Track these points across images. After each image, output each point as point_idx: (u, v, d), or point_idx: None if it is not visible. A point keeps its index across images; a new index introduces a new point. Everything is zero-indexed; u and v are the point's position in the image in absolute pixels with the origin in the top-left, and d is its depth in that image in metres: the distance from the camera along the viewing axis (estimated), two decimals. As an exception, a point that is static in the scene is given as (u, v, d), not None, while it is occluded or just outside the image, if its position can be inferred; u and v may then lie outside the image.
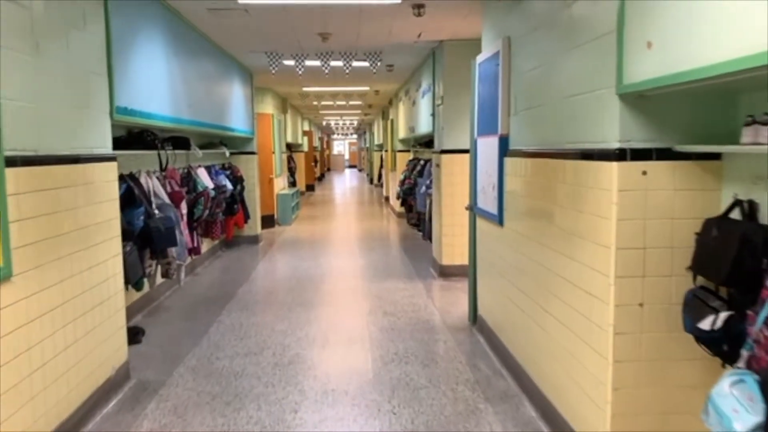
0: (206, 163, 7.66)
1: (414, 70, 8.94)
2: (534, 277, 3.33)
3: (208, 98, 6.53)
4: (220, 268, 7.58)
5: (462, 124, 6.44)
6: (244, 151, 9.14)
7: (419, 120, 8.80)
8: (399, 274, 7.00)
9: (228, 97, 7.60)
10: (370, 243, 9.41)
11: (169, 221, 4.80)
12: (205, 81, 6.45)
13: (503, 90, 3.84)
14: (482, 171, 4.43)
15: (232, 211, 8.19)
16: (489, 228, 4.31)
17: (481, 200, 4.50)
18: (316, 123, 25.36)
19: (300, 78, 9.50)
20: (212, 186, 6.95)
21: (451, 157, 6.55)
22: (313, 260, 7.95)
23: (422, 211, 9.33)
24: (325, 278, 6.86)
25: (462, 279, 6.46)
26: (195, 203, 6.36)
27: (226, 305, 5.71)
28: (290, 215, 11.75)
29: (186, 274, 6.83)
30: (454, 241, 6.64)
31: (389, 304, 5.65)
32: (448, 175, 6.56)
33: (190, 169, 6.67)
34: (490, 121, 4.15)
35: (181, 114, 5.34)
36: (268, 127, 11.09)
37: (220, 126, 7.12)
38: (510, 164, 3.78)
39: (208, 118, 6.47)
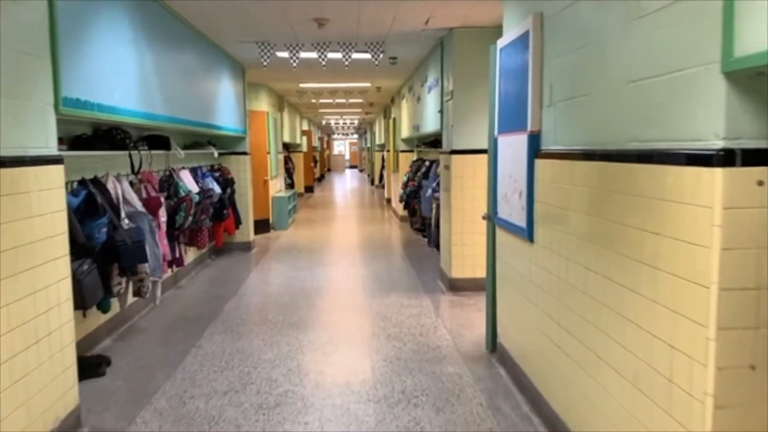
0: (192, 164, 7.00)
1: (419, 64, 8.27)
2: (578, 309, 2.65)
3: (191, 93, 5.86)
4: (207, 279, 6.91)
5: (475, 122, 5.77)
6: (236, 151, 8.47)
7: (425, 118, 8.12)
8: (404, 287, 6.33)
9: (216, 93, 6.93)
10: (372, 250, 8.74)
11: (138, 234, 4.13)
12: (188, 74, 5.78)
13: (534, 78, 3.17)
14: (504, 175, 3.76)
15: (221, 217, 7.52)
16: (514, 243, 3.64)
17: (502, 209, 3.83)
18: (316, 122, 24.70)
19: (295, 72, 8.84)
20: (197, 190, 6.28)
21: (462, 158, 5.87)
22: (309, 270, 7.27)
23: (427, 216, 8.67)
24: (322, 292, 6.19)
25: (474, 294, 5.79)
26: (176, 210, 5.69)
27: (208, 326, 5.03)
28: (287, 219, 11.08)
29: (168, 288, 6.17)
30: (465, 252, 5.96)
31: (394, 325, 4.98)
32: (459, 178, 5.89)
33: (172, 171, 6.00)
34: (515, 115, 3.48)
35: (156, 109, 4.67)
36: (263, 126, 10.42)
37: (207, 124, 6.45)
38: (543, 167, 3.11)
39: (191, 115, 5.80)
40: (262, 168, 10.36)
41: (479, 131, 5.82)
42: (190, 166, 6.89)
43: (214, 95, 6.80)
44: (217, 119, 6.90)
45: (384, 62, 7.66)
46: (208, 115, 6.50)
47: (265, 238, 9.99)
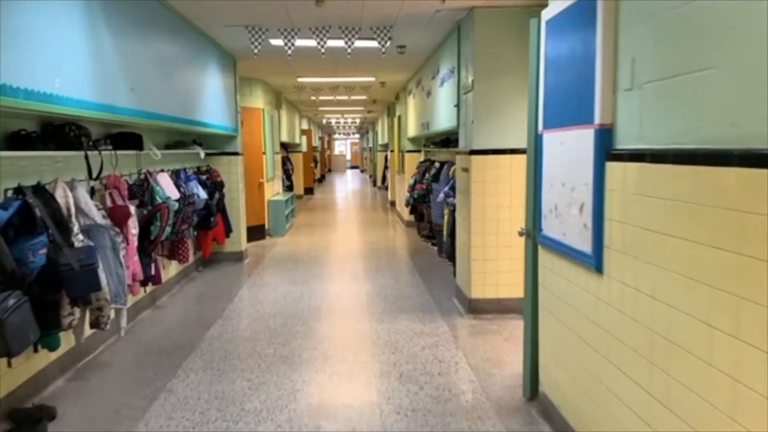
0: (174, 166, 6.18)
1: (430, 54, 7.44)
2: (689, 381, 1.83)
3: (170, 84, 5.03)
4: (191, 296, 6.08)
5: (500, 117, 4.95)
6: (226, 151, 7.65)
7: (436, 114, 7.29)
8: (415, 307, 5.50)
9: (202, 86, 6.10)
10: (377, 260, 7.91)
11: (88, 255, 3.30)
12: (166, 62, 4.95)
13: (604, 52, 2.34)
14: (554, 182, 2.93)
15: (208, 225, 6.70)
16: (568, 270, 2.81)
17: (550, 226, 3.00)
18: (316, 121, 23.87)
19: (292, 64, 8.01)
20: (177, 196, 5.46)
21: (484, 160, 5.04)
22: (306, 285, 6.45)
23: (438, 224, 7.84)
24: (321, 313, 5.36)
25: (498, 318, 4.97)
26: (150, 220, 4.87)
27: (185, 360, 4.21)
28: (284, 225, 10.26)
29: (144, 309, 5.35)
30: (487, 268, 5.13)
31: (406, 359, 4.15)
32: (480, 183, 5.06)
33: (148, 175, 5.18)
34: (571, 105, 2.66)
35: (118, 101, 3.85)
36: (258, 124, 9.60)
37: (190, 120, 5.63)
38: (620, 173, 2.28)
39: (169, 110, 4.98)
40: (256, 169, 9.55)
41: (506, 128, 5.00)
42: (172, 168, 6.07)
43: (199, 88, 5.98)
44: (202, 115, 6.07)
45: (391, 51, 6.84)
46: (191, 111, 5.68)
47: (260, 246, 9.17)
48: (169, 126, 5.13)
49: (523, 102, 5.00)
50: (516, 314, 5.13)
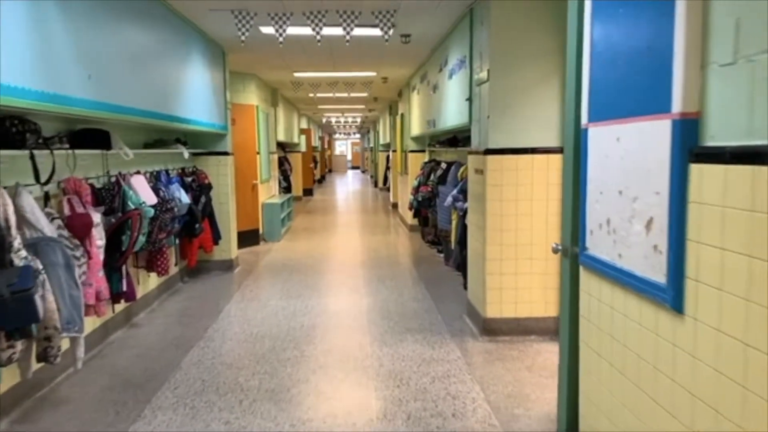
0: (154, 167, 5.57)
1: (437, 44, 6.82)
2: None
3: (142, 75, 4.42)
4: (172, 313, 5.46)
5: (520, 111, 4.34)
6: (214, 151, 7.04)
7: (444, 110, 6.67)
8: (422, 326, 4.88)
9: (184, 78, 5.49)
10: (379, 269, 7.29)
11: (22, 278, 2.68)
12: (137, 50, 4.34)
13: (689, 12, 1.73)
14: (605, 189, 2.31)
15: (193, 232, 6.08)
16: (626, 304, 2.19)
17: (599, 244, 2.37)
18: (315, 120, 23.28)
19: (286, 56, 7.41)
20: (153, 201, 4.85)
21: (501, 160, 4.43)
22: (300, 298, 5.83)
23: (445, 230, 7.22)
24: (315, 334, 4.75)
25: (517, 341, 4.36)
26: (119, 229, 4.26)
27: (154, 395, 3.60)
28: (279, 229, 9.65)
29: (118, 327, 4.74)
30: (504, 284, 4.52)
31: (414, 395, 3.53)
32: (496, 187, 4.44)
33: (120, 178, 4.57)
34: (635, 88, 2.04)
35: (70, 90, 3.23)
36: (252, 122, 8.99)
37: (170, 116, 5.01)
38: (714, 179, 1.66)
39: (142, 104, 4.36)
40: (250, 170, 8.94)
41: (526, 124, 4.38)
42: (152, 169, 5.47)
43: (181, 81, 5.37)
44: (185, 111, 5.46)
45: (395, 41, 6.23)
46: (170, 106, 5.06)
47: (253, 252, 8.55)
48: (145, 122, 4.52)
49: (547, 93, 4.40)
50: (538, 336, 4.52)
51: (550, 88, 4.39)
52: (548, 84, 4.39)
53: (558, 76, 4.37)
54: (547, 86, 4.39)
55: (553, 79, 4.38)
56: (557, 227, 4.48)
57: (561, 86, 4.39)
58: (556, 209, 4.47)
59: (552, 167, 4.44)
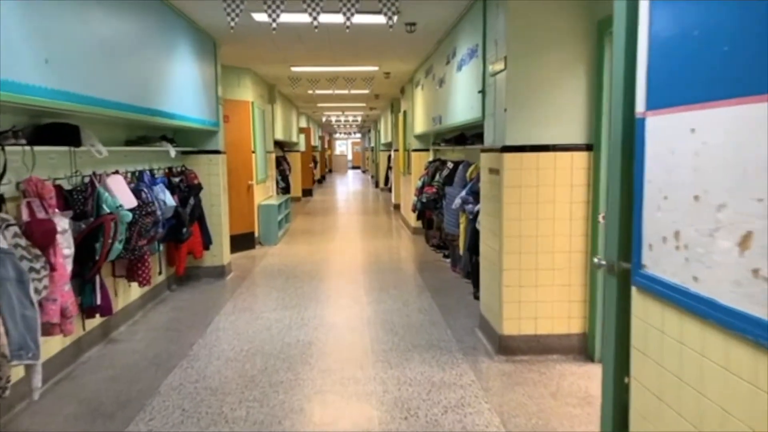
0: (137, 166, 5.11)
1: (444, 34, 6.34)
2: None
3: (117, 64, 3.94)
4: (155, 327, 4.98)
5: (541, 103, 3.88)
6: (205, 149, 6.57)
7: (452, 105, 6.20)
8: (430, 343, 4.41)
9: (169, 70, 5.02)
10: (381, 276, 6.82)
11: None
12: (111, 35, 3.86)
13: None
14: (674, 193, 1.83)
15: (180, 237, 5.61)
16: (704, 340, 1.71)
17: (664, 261, 1.90)
18: (315, 119, 22.81)
19: (282, 48, 6.93)
20: (132, 204, 4.38)
21: (520, 159, 3.95)
22: (297, 310, 5.36)
23: (452, 234, 6.76)
24: (312, 354, 4.27)
25: (538, 361, 3.88)
26: (91, 236, 3.79)
27: (125, 428, 3.13)
28: (276, 232, 9.17)
29: (94, 343, 4.27)
30: (524, 297, 4.04)
31: (423, 427, 3.06)
32: (514, 189, 3.97)
33: (94, 179, 4.10)
34: (722, 61, 1.56)
35: (18, 74, 2.74)
36: (247, 119, 8.53)
37: (149, 110, 4.54)
38: None
39: (117, 95, 3.89)
40: (245, 170, 8.47)
41: (548, 117, 3.92)
42: (134, 169, 5.01)
43: (165, 73, 4.90)
44: (170, 105, 4.99)
45: (399, 31, 5.76)
46: (153, 99, 4.59)
47: (248, 257, 8.08)
48: (121, 116, 4.04)
49: (572, 83, 3.91)
50: (560, 355, 4.05)
51: (575, 76, 3.92)
52: (572, 72, 3.92)
53: (583, 62, 3.90)
54: (571, 74, 3.92)
55: (577, 67, 3.91)
56: (582, 234, 4.01)
57: (587, 74, 3.91)
58: (581, 213, 4.00)
59: (577, 166, 3.97)
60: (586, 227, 4.01)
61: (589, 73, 3.91)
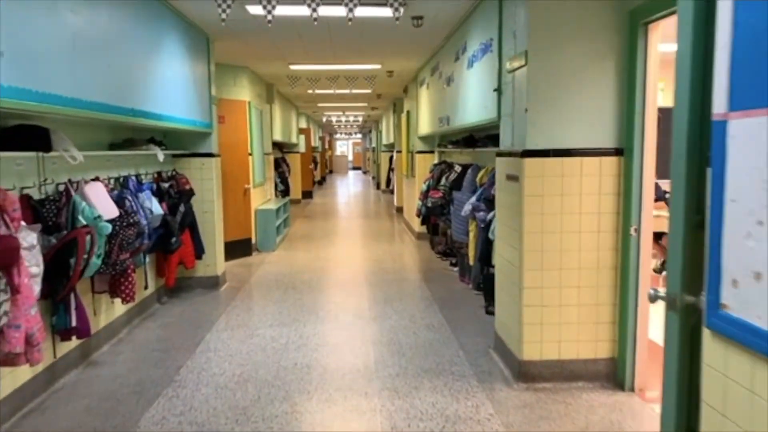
0: (121, 172, 4.72)
1: (452, 29, 5.94)
2: None
3: (91, 60, 3.53)
4: (140, 346, 4.58)
5: (567, 102, 3.48)
6: (197, 152, 6.16)
7: (461, 105, 5.79)
8: (441, 367, 4.00)
9: (155, 67, 4.62)
10: (385, 287, 6.42)
11: None
12: (84, 26, 3.46)
13: None
14: (765, 217, 1.43)
15: (169, 247, 5.21)
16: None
17: (757, 303, 1.49)
18: (315, 119, 22.42)
19: (280, 45, 6.54)
20: (114, 214, 3.98)
21: (543, 164, 3.54)
22: (294, 326, 4.96)
23: (460, 242, 6.36)
24: (311, 380, 3.87)
25: (562, 390, 3.49)
26: (62, 252, 3.39)
27: (96, 476, 2.73)
28: (274, 238, 8.77)
29: (70, 368, 3.86)
30: (546, 319, 3.64)
31: (438, 477, 2.66)
32: (536, 198, 3.56)
33: (69, 187, 3.70)
34: None
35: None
36: (243, 120, 8.13)
37: (132, 110, 4.13)
38: None
39: (91, 94, 3.49)
40: (241, 173, 8.07)
41: (575, 118, 3.52)
42: (118, 174, 4.62)
43: (151, 70, 4.49)
44: (157, 105, 4.59)
45: (405, 24, 5.36)
46: (137, 99, 4.19)
47: (245, 264, 7.68)
48: (97, 117, 3.63)
49: (601, 79, 3.48)
50: (586, 382, 3.65)
51: (604, 72, 3.51)
52: (601, 67, 3.51)
53: (613, 56, 3.49)
54: (599, 70, 3.51)
55: (606, 61, 3.50)
56: (612, 248, 3.61)
57: (617, 69, 3.51)
58: (610, 225, 3.59)
59: (606, 173, 3.56)
60: (615, 241, 3.60)
61: (619, 68, 3.51)
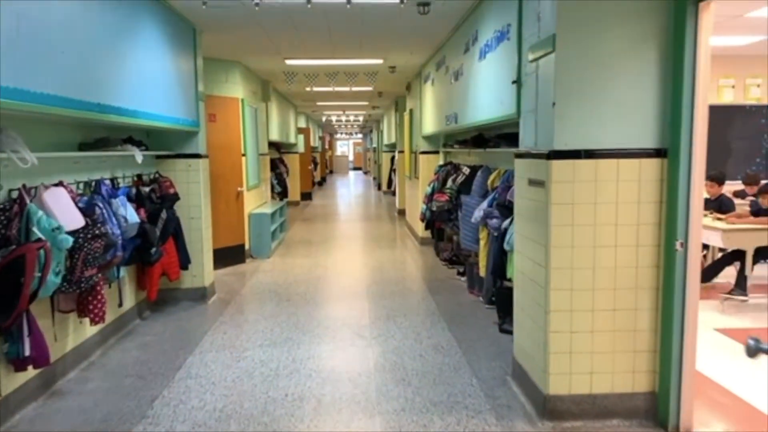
0: (92, 175, 4.21)
1: (461, 19, 5.43)
2: None
3: (46, 47, 3.04)
4: (113, 371, 4.06)
5: (600, 95, 2.98)
6: (182, 153, 5.65)
7: (473, 100, 5.28)
8: (452, 397, 3.49)
9: (130, 58, 4.11)
10: (388, 300, 5.91)
11: None
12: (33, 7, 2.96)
13: None
14: None
15: (148, 258, 4.71)
16: None
17: None
18: (315, 119, 21.91)
19: (270, 32, 6.03)
20: (79, 224, 3.48)
21: (573, 167, 3.03)
22: (286, 346, 4.45)
23: (470, 250, 5.87)
24: (303, 414, 3.36)
25: (596, 429, 2.96)
26: (8, 271, 2.89)
27: None
28: (269, 243, 8.26)
29: (28, 401, 3.35)
30: (576, 346, 3.13)
31: None
32: (565, 207, 3.05)
33: (23, 193, 3.19)
34: None
35: None
36: (236, 118, 7.62)
37: (100, 106, 3.62)
38: None
39: (45, 85, 2.98)
40: (233, 176, 7.57)
41: (609, 113, 3.01)
42: (88, 178, 4.12)
43: (126, 61, 3.98)
44: (133, 101, 4.08)
45: (410, 11, 4.85)
46: (107, 93, 3.68)
47: (236, 273, 7.17)
48: (53, 113, 3.12)
49: (641, 68, 2.95)
50: (621, 420, 3.15)
51: (645, 59, 3.00)
52: (642, 53, 3.00)
53: (655, 41, 2.99)
54: (640, 56, 3.01)
55: (649, 45, 2.99)
56: (653, 265, 3.10)
57: (659, 56, 3.00)
58: (651, 239, 3.08)
59: (646, 178, 3.06)
60: (657, 257, 3.09)
61: (662, 54, 3.00)
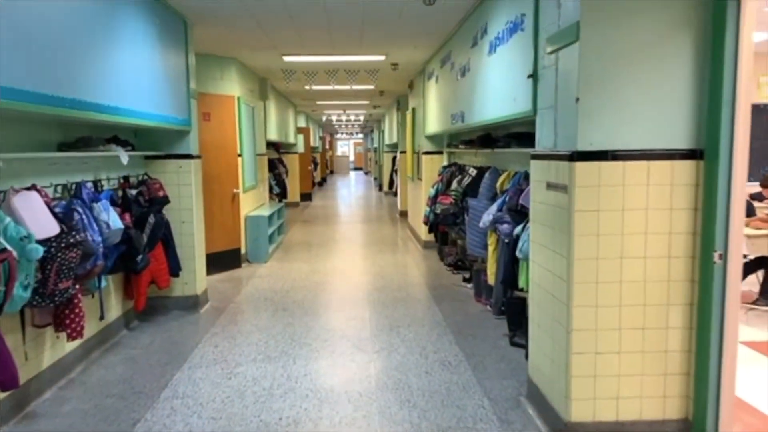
0: (74, 177, 3.91)
1: (468, 11, 5.12)
2: None
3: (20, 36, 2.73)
4: (93, 389, 3.75)
5: (629, 90, 2.66)
6: (173, 153, 5.34)
7: (481, 97, 4.96)
8: (461, 422, 3.18)
9: (113, 51, 3.80)
10: (391, 308, 5.59)
11: None
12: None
13: None
14: None
15: (134, 266, 4.40)
16: None
17: None
18: (315, 118, 21.61)
19: (266, 25, 5.72)
20: (53, 231, 3.17)
21: (599, 171, 2.72)
22: (282, 361, 4.14)
23: (477, 256, 5.55)
24: (299, 440, 3.06)
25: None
26: (-33, 286, 2.58)
27: None
28: (266, 247, 7.95)
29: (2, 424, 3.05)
30: (601, 369, 2.82)
31: None
32: (590, 213, 2.74)
33: (-11, 196, 2.89)
34: None
35: None
36: (231, 117, 7.32)
37: (78, 102, 3.31)
38: None
39: (11, 79, 2.67)
40: (229, 177, 7.26)
41: (638, 110, 2.70)
42: (66, 181, 3.81)
43: (108, 55, 3.67)
44: (115, 97, 3.77)
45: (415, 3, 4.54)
46: (86, 89, 3.36)
47: (232, 279, 6.86)
48: (18, 108, 2.82)
49: (674, 60, 2.62)
50: (651, 451, 2.81)
51: (679, 50, 2.69)
52: (675, 44, 2.69)
53: (689, 29, 2.68)
54: (673, 47, 2.70)
55: (683, 35, 2.68)
56: (687, 279, 2.79)
57: (695, 47, 2.69)
58: (685, 249, 2.77)
59: (679, 181, 2.75)
60: (692, 270, 2.78)
61: (698, 46, 2.69)
